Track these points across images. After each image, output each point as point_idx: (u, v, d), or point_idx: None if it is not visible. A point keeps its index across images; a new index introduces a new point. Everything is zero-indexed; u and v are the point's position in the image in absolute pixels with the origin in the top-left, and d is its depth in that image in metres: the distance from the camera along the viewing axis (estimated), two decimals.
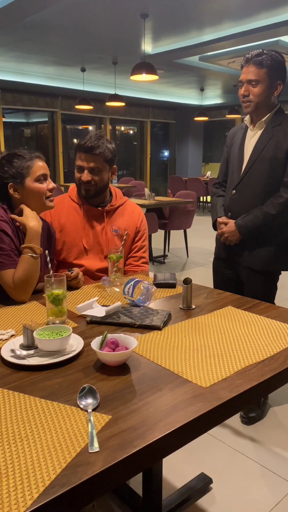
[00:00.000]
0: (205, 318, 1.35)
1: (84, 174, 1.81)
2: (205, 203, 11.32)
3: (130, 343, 1.06)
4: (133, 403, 0.88)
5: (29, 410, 0.85)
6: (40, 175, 1.56)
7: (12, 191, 1.56)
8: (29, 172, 1.55)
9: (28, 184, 1.55)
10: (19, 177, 1.54)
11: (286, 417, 2.18)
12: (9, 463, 0.70)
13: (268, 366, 1.03)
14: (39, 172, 1.56)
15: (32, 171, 1.55)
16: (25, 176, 1.55)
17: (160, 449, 0.77)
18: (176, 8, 4.78)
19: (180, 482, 1.73)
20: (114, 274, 1.67)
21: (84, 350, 1.12)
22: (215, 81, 9.03)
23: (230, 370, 1.01)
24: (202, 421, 0.84)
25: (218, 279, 2.24)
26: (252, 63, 1.88)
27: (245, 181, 2.00)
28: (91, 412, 0.83)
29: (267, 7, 4.80)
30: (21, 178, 1.54)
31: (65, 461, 0.70)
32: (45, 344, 1.08)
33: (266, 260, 2.01)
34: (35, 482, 0.65)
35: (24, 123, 12.51)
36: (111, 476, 0.70)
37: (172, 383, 0.95)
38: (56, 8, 4.59)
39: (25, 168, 1.54)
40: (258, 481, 1.76)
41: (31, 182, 1.55)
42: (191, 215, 5.62)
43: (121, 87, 9.44)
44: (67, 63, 7.54)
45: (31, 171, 1.55)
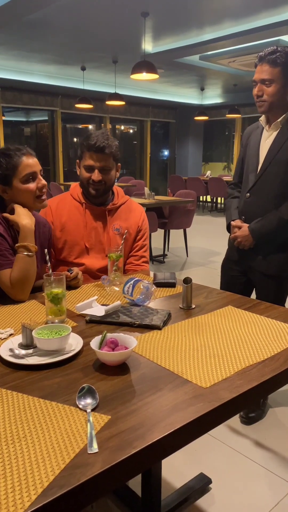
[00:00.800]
0: (205, 317, 1.34)
1: (95, 174, 1.79)
2: (204, 202, 11.32)
3: (129, 343, 1.06)
4: (133, 403, 0.87)
5: (27, 410, 0.85)
6: (26, 174, 1.50)
7: (0, 191, 1.53)
8: (15, 173, 1.49)
9: (15, 184, 1.51)
10: (6, 178, 1.50)
11: (286, 418, 2.17)
12: (7, 464, 0.69)
13: (269, 367, 1.02)
14: (25, 172, 1.50)
15: (18, 172, 1.49)
16: (11, 176, 1.50)
17: (160, 450, 0.76)
18: (176, 7, 4.77)
19: (179, 482, 1.72)
20: (114, 273, 1.66)
21: (83, 349, 1.11)
22: (215, 80, 9.02)
23: (230, 370, 1.00)
24: (202, 421, 0.83)
25: (225, 280, 2.21)
26: (266, 61, 1.82)
27: (259, 184, 1.96)
28: (90, 412, 0.83)
29: (268, 7, 4.79)
30: (8, 179, 1.50)
31: (63, 462, 0.69)
32: (44, 344, 1.07)
33: (280, 265, 1.98)
34: (33, 484, 0.65)
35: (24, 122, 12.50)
36: (111, 478, 0.69)
37: (172, 383, 0.94)
38: (57, 6, 4.58)
39: (11, 169, 1.49)
40: (257, 481, 1.75)
41: (17, 183, 1.50)
42: (191, 214, 5.62)
43: (121, 86, 9.43)
44: (67, 62, 7.53)
45: (17, 171, 1.49)
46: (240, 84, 9.09)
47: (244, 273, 2.13)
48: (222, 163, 13.91)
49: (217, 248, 6.14)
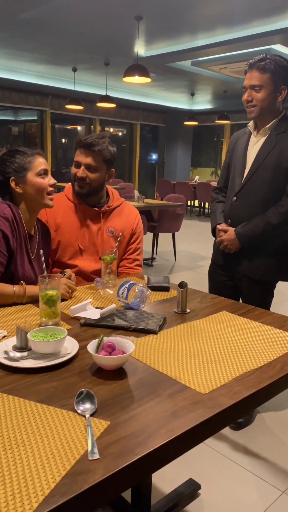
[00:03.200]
0: (201, 322, 1.34)
1: (80, 170, 1.79)
2: (192, 207, 11.37)
3: (127, 347, 1.04)
4: (132, 409, 0.86)
5: (24, 415, 0.83)
6: (41, 169, 1.56)
7: (14, 185, 1.55)
8: (31, 167, 1.55)
9: (30, 178, 1.55)
10: (21, 171, 1.54)
11: (274, 423, 2.18)
12: (6, 471, 0.67)
13: (266, 373, 1.02)
14: (40, 167, 1.56)
15: (34, 166, 1.55)
16: (27, 170, 1.55)
17: (162, 457, 0.75)
18: (170, 12, 4.79)
19: (169, 487, 1.71)
20: (108, 275, 1.64)
21: (79, 353, 1.09)
22: (206, 86, 9.08)
23: (228, 376, 0.99)
24: (202, 428, 0.82)
25: (213, 284, 2.21)
26: (255, 68, 1.85)
27: (247, 188, 1.97)
28: (90, 418, 0.81)
29: (261, 16, 4.84)
30: (23, 172, 1.54)
31: (64, 469, 0.68)
32: (39, 346, 1.05)
33: (265, 270, 1.99)
34: (34, 491, 0.63)
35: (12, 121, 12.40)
36: (113, 485, 0.67)
37: (171, 389, 0.93)
38: (51, 6, 4.55)
39: (27, 163, 1.55)
40: (246, 487, 1.75)
41: (32, 177, 1.55)
42: (180, 218, 5.63)
43: (112, 89, 9.42)
44: (58, 62, 7.49)
45: (33, 165, 1.55)
46: (230, 90, 9.17)
47: (230, 278, 2.14)
48: (210, 169, 14.01)
49: (204, 252, 6.17)
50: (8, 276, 1.52)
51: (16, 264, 1.53)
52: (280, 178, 1.91)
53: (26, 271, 1.57)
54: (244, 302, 1.87)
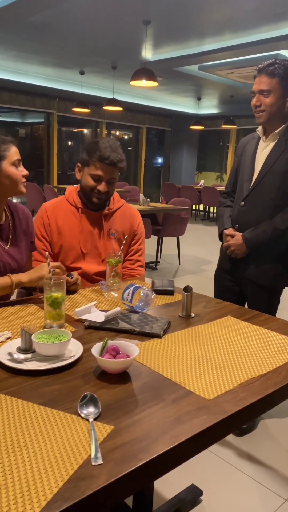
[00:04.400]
0: (206, 327, 1.33)
1: (103, 186, 1.78)
2: (197, 211, 11.37)
3: (131, 351, 1.04)
4: (136, 414, 0.85)
5: (27, 417, 0.82)
6: (16, 160, 1.52)
7: None
8: (6, 155, 1.50)
9: (5, 168, 1.50)
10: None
11: (277, 429, 2.16)
12: (9, 474, 0.67)
13: (271, 380, 1.01)
14: (16, 157, 1.52)
15: (9, 155, 1.51)
16: (2, 159, 1.50)
17: (166, 463, 0.74)
18: (178, 17, 4.81)
19: (170, 493, 1.70)
20: (112, 278, 1.64)
21: (83, 356, 1.09)
22: (212, 91, 9.09)
23: (233, 382, 0.98)
24: (207, 434, 0.81)
25: (219, 289, 2.20)
26: (264, 73, 1.85)
27: (255, 193, 1.96)
28: (93, 422, 0.80)
29: (268, 21, 4.85)
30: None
31: (67, 474, 0.67)
32: (43, 349, 1.05)
33: (272, 276, 1.98)
34: (37, 496, 0.62)
35: (19, 123, 12.47)
36: (116, 491, 0.67)
37: (175, 394, 0.93)
38: (59, 10, 4.58)
39: (2, 151, 1.50)
40: (248, 494, 1.74)
41: (7, 166, 1.51)
42: (184, 222, 5.62)
43: (119, 92, 9.45)
44: (66, 65, 7.53)
45: (8, 154, 1.50)
46: (237, 95, 9.18)
47: (236, 283, 2.13)
48: (215, 173, 14.01)
49: (209, 256, 6.15)
50: None
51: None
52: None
53: (3, 261, 1.54)
54: (250, 307, 1.85)
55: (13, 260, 1.58)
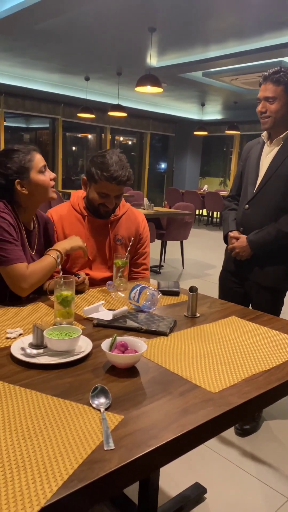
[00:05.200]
0: (210, 326, 1.37)
1: (111, 201, 1.80)
2: (201, 216, 11.42)
3: (139, 347, 1.08)
4: (144, 405, 0.89)
5: (42, 407, 0.86)
6: (42, 166, 1.56)
7: (19, 187, 1.53)
8: (32, 165, 1.53)
9: (33, 177, 1.54)
10: (24, 172, 1.52)
11: (280, 431, 2.19)
12: (26, 457, 0.71)
13: (275, 375, 1.05)
14: (41, 164, 1.56)
15: (34, 164, 1.54)
16: (29, 169, 1.53)
17: (174, 450, 0.78)
18: (183, 24, 4.88)
19: (175, 491, 1.73)
20: (119, 279, 1.68)
21: (93, 351, 1.13)
22: (216, 97, 9.17)
23: (238, 377, 1.02)
24: (213, 424, 0.85)
25: (224, 291, 2.24)
26: (270, 80, 1.90)
27: (259, 196, 2.01)
28: (104, 412, 0.84)
29: (272, 28, 4.91)
30: (26, 173, 1.53)
31: (81, 457, 0.71)
32: (55, 344, 1.09)
33: (276, 278, 2.02)
34: (53, 476, 0.66)
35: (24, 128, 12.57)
36: (127, 474, 0.71)
37: (182, 387, 0.97)
38: (66, 17, 4.66)
39: (28, 162, 1.53)
40: (251, 492, 1.76)
41: (35, 175, 1.54)
42: (188, 226, 5.67)
43: (123, 98, 9.54)
44: (71, 71, 7.62)
45: (33, 164, 1.54)
46: (241, 101, 9.25)
47: (241, 285, 2.17)
48: (219, 179, 14.07)
49: (212, 261, 6.19)
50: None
51: None
52: None
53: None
54: (254, 309, 1.89)
55: None
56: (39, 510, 0.60)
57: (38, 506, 0.60)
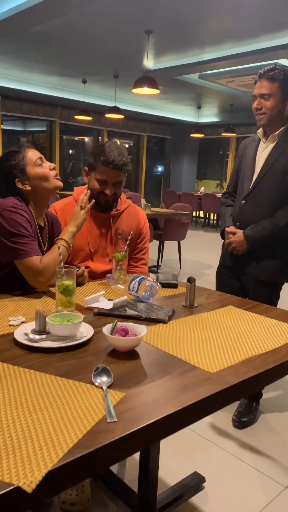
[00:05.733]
0: (208, 315, 1.41)
1: (109, 189, 1.84)
2: (197, 218, 11.47)
3: (139, 331, 1.11)
4: (145, 384, 0.92)
5: (45, 386, 0.89)
6: (36, 159, 1.61)
7: (20, 185, 1.59)
8: (26, 162, 1.59)
9: (30, 172, 1.59)
10: (20, 170, 1.59)
11: (277, 423, 2.22)
12: (32, 429, 0.73)
13: (271, 358, 1.08)
14: (35, 157, 1.61)
15: (28, 159, 1.60)
16: (25, 166, 1.59)
17: (174, 423, 0.81)
18: (179, 27, 4.94)
19: (174, 480, 1.76)
20: (118, 271, 1.71)
21: (94, 337, 1.16)
22: (212, 99, 9.24)
23: (235, 359, 1.06)
24: (211, 401, 0.88)
25: (221, 285, 2.27)
26: (265, 77, 1.95)
27: (255, 192, 2.05)
28: (106, 389, 0.87)
29: (267, 31, 4.98)
30: (22, 170, 1.59)
31: (85, 428, 0.74)
32: (57, 329, 1.12)
33: (272, 272, 2.06)
34: (59, 444, 0.69)
35: (21, 131, 12.61)
36: (130, 443, 0.74)
37: (181, 368, 1.00)
38: (63, 20, 4.71)
39: (21, 159, 1.59)
40: (249, 482, 1.79)
41: (32, 169, 1.59)
42: (185, 227, 5.71)
43: (120, 101, 9.60)
44: (69, 74, 7.68)
45: (27, 159, 1.60)
46: (237, 104, 9.33)
47: (238, 279, 2.21)
48: (216, 181, 14.14)
49: (209, 261, 6.23)
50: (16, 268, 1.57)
51: None
52: (287, 183, 1.98)
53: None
54: None
55: None
56: (46, 472, 0.62)
57: (46, 469, 0.63)
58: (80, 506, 1.54)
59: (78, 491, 1.55)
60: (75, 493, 1.54)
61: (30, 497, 0.60)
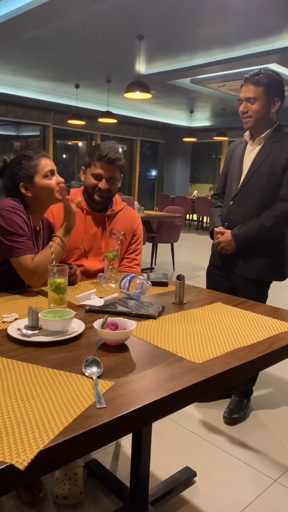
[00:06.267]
0: (197, 311, 1.45)
1: (103, 183, 1.90)
2: (191, 221, 11.54)
3: (129, 326, 1.15)
4: (134, 374, 0.96)
5: (37, 376, 0.93)
6: (48, 171, 1.66)
7: (24, 190, 1.64)
8: (37, 170, 1.64)
9: (37, 181, 1.64)
10: (29, 176, 1.64)
11: (267, 419, 2.27)
12: (25, 414, 0.77)
13: (255, 349, 1.13)
14: (46, 169, 1.65)
15: (39, 169, 1.65)
16: (34, 174, 1.64)
17: (160, 408, 0.85)
18: (171, 32, 5.01)
19: (166, 475, 1.79)
20: (110, 271, 1.75)
21: (85, 332, 1.20)
22: (204, 103, 9.34)
23: (221, 351, 1.10)
24: (196, 389, 0.92)
25: (211, 284, 2.32)
26: (250, 82, 2.01)
27: (243, 193, 2.11)
28: (96, 379, 0.91)
29: (257, 36, 5.07)
30: (30, 178, 1.64)
31: (75, 413, 0.78)
32: (49, 324, 1.16)
33: (260, 270, 2.11)
34: (50, 427, 0.73)
35: (14, 136, 12.63)
36: (118, 427, 0.77)
37: (169, 360, 1.04)
38: (56, 25, 4.76)
39: (33, 167, 1.64)
40: (239, 476, 1.83)
41: (40, 180, 1.64)
42: (178, 229, 5.76)
43: (113, 105, 9.67)
44: (61, 79, 7.73)
45: (38, 168, 1.65)
46: (228, 108, 9.43)
47: (227, 278, 2.26)
48: (209, 185, 14.24)
49: (202, 263, 6.25)
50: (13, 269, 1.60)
51: None
52: (273, 184, 2.04)
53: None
54: None
55: None
56: (38, 452, 0.66)
57: (37, 449, 0.67)
58: (73, 499, 1.57)
59: (71, 485, 1.58)
60: (68, 487, 1.57)
61: (23, 474, 0.63)
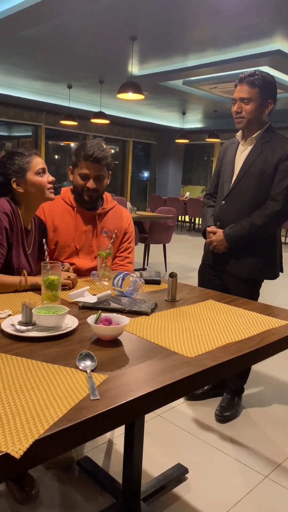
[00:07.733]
0: (189, 308, 1.47)
1: (91, 183, 1.91)
2: (183, 222, 11.58)
3: (122, 322, 1.16)
4: (127, 367, 0.97)
5: (32, 370, 0.94)
6: (39, 168, 1.67)
7: (15, 186, 1.66)
8: (29, 167, 1.66)
9: (29, 178, 1.66)
10: (21, 172, 1.65)
11: (258, 417, 2.29)
12: (20, 406, 0.78)
13: (246, 344, 1.15)
14: (38, 166, 1.67)
15: (32, 166, 1.66)
16: (26, 170, 1.65)
17: (153, 400, 0.87)
18: (164, 34, 5.04)
19: (158, 472, 1.80)
20: (103, 269, 1.76)
21: (79, 328, 1.21)
22: (196, 105, 9.39)
23: (212, 346, 1.12)
24: (188, 381, 0.94)
25: (203, 283, 2.35)
26: (245, 82, 2.03)
27: (234, 193, 2.14)
28: (90, 372, 0.92)
29: (248, 39, 5.12)
30: (23, 173, 1.65)
31: (69, 405, 0.79)
32: (43, 320, 1.17)
33: (251, 269, 2.14)
34: (45, 418, 0.74)
35: (6, 136, 12.58)
36: (111, 418, 0.79)
37: (161, 354, 1.05)
38: (49, 26, 4.77)
39: (26, 163, 1.66)
40: (231, 472, 1.85)
41: (32, 176, 1.66)
42: (171, 230, 5.79)
43: (106, 106, 9.68)
44: (54, 79, 7.73)
45: (31, 165, 1.66)
46: (220, 110, 9.49)
47: (219, 277, 2.28)
48: (201, 186, 14.30)
49: (194, 264, 6.28)
50: (3, 268, 1.62)
51: (11, 256, 1.64)
52: (264, 184, 2.07)
53: (21, 263, 1.67)
54: None
55: (28, 265, 1.72)
56: (33, 441, 0.67)
57: (33, 439, 0.68)
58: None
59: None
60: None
61: (18, 462, 0.64)
